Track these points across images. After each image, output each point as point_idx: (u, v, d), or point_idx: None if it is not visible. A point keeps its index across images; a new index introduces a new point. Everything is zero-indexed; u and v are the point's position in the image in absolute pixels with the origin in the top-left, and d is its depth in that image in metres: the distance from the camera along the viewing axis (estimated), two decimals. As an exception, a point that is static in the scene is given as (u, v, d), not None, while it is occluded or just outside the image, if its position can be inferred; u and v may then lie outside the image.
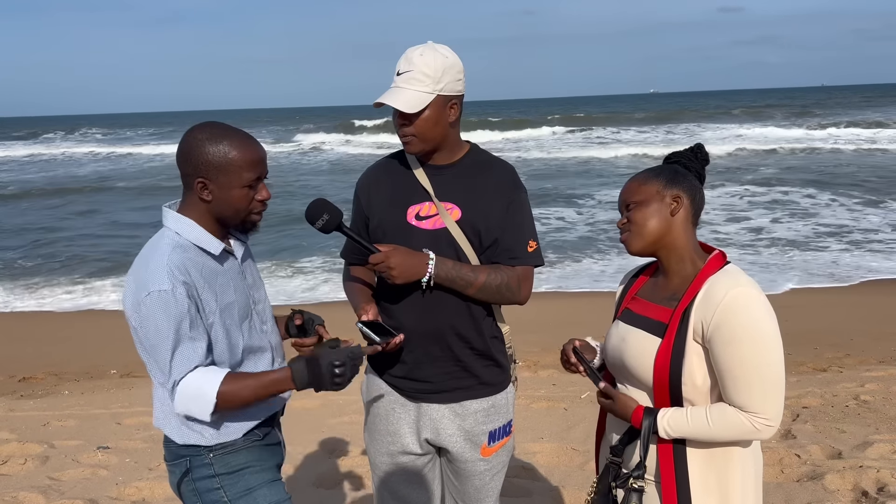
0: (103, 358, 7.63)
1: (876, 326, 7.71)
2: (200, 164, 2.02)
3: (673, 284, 2.02)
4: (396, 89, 2.29)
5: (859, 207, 15.64)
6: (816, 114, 50.68)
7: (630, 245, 2.03)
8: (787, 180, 20.16)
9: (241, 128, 2.10)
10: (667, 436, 1.93)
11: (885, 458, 4.25)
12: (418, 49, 2.31)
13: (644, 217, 1.99)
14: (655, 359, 1.93)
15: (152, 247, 2.06)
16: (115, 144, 45.79)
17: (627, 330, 2.05)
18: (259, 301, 2.25)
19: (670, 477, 1.94)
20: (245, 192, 2.05)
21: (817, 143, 30.78)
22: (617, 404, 2.01)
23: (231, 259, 2.17)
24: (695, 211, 2.02)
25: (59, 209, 20.03)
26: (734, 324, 1.84)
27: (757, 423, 1.87)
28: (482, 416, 2.43)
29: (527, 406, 5.59)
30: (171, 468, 2.20)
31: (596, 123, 49.47)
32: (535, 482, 4.27)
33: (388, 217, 2.40)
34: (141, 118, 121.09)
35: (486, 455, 2.46)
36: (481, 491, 2.51)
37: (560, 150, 31.85)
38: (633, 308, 2.10)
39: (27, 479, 4.48)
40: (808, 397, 5.48)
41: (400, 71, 2.29)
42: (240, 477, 2.13)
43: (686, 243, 2.01)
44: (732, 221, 14.53)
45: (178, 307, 1.96)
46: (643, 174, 2.06)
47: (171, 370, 1.99)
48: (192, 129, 2.07)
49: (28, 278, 11.78)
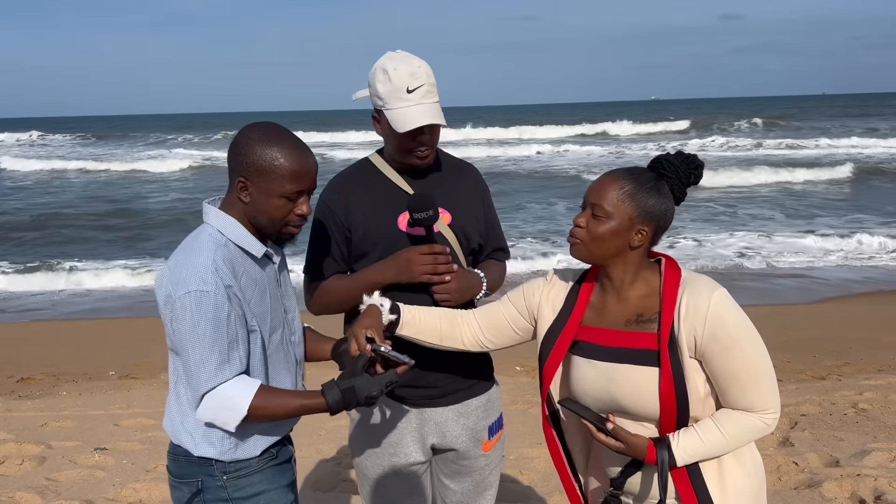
0: (101, 359, 7.61)
1: (875, 335, 7.70)
2: (245, 164, 1.94)
3: (631, 305, 1.93)
4: (422, 106, 2.24)
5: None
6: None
7: (576, 251, 1.92)
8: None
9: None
10: (685, 463, 1.87)
11: (883, 467, 4.25)
12: (408, 61, 2.25)
13: (604, 234, 1.87)
14: (659, 389, 1.85)
15: (193, 243, 1.97)
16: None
17: (611, 368, 1.91)
18: (290, 310, 2.17)
19: (690, 496, 1.89)
20: (283, 202, 1.96)
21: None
22: (629, 447, 1.88)
23: (270, 265, 2.09)
24: (655, 241, 1.94)
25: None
26: (728, 330, 1.82)
27: (767, 419, 1.87)
28: (482, 412, 2.48)
29: (524, 411, 5.58)
30: (177, 484, 2.06)
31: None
32: (531, 487, 4.27)
33: (375, 227, 2.35)
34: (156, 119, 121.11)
35: (487, 450, 2.50)
36: (481, 485, 2.52)
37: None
38: (594, 340, 1.95)
39: (24, 480, 4.47)
40: (806, 405, 5.47)
41: (411, 87, 2.23)
42: (255, 503, 2.04)
43: (637, 266, 1.93)
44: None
45: (218, 311, 1.88)
46: (627, 185, 1.88)
47: (202, 377, 1.90)
48: (249, 126, 2.00)
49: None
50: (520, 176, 24.53)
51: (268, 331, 2.04)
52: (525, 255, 11.95)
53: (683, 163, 1.92)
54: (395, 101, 2.24)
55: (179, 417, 2.03)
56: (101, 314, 9.80)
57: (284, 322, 2.12)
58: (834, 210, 16.47)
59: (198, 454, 2.00)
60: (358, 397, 1.94)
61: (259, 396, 1.92)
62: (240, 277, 1.95)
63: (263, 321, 2.02)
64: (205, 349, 1.88)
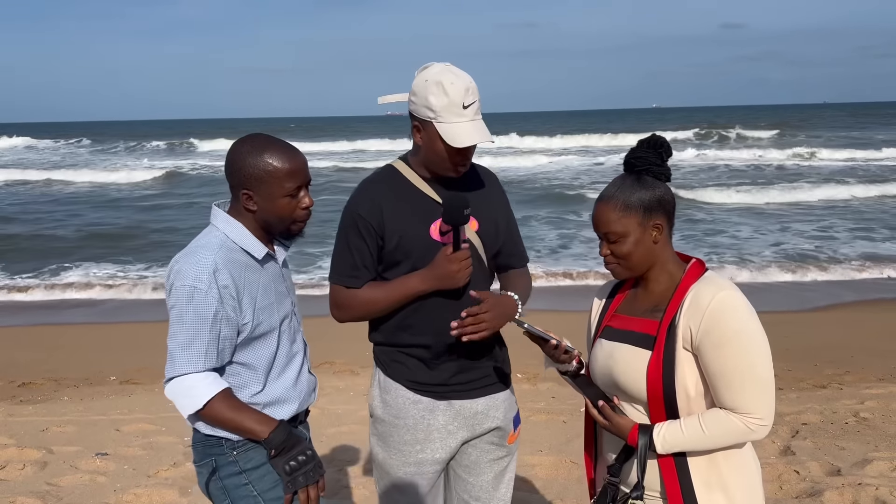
0: (103, 364, 7.63)
1: (876, 344, 7.71)
2: (244, 177, 2.11)
3: (653, 297, 2.03)
4: (476, 123, 2.29)
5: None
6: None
7: (619, 275, 2.06)
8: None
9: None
10: (664, 451, 1.93)
11: (885, 476, 4.25)
12: (461, 76, 2.28)
13: (629, 250, 1.98)
14: (647, 371, 1.94)
15: (200, 242, 2.15)
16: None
17: (614, 347, 2.04)
18: (295, 303, 2.35)
19: (675, 490, 1.94)
20: (287, 200, 2.13)
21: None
22: (613, 425, 2.00)
23: (272, 262, 2.25)
24: (672, 223, 2.03)
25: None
26: (723, 327, 1.86)
27: (750, 423, 1.89)
28: (508, 404, 2.56)
29: (526, 418, 5.58)
30: (198, 469, 2.25)
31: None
32: (533, 494, 4.27)
33: (410, 235, 2.37)
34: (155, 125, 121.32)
35: (511, 442, 2.58)
36: (500, 476, 2.57)
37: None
38: (615, 325, 2.09)
39: (25, 485, 4.47)
40: (807, 414, 5.47)
41: (466, 104, 2.26)
42: (267, 470, 2.16)
43: (666, 259, 2.03)
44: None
45: (206, 308, 2.05)
46: (618, 200, 1.97)
47: (177, 361, 2.08)
48: (237, 142, 2.17)
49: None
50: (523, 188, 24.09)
51: (277, 321, 2.21)
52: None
53: (648, 149, 2.00)
54: (450, 115, 2.26)
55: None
56: (102, 319, 9.82)
57: (292, 313, 2.30)
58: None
59: (206, 433, 2.17)
60: (290, 451, 2.11)
61: (219, 399, 2.09)
62: (241, 277, 2.12)
63: (270, 313, 2.19)
64: (185, 338, 2.07)
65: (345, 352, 7.37)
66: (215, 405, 2.08)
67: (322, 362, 7.21)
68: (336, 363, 6.96)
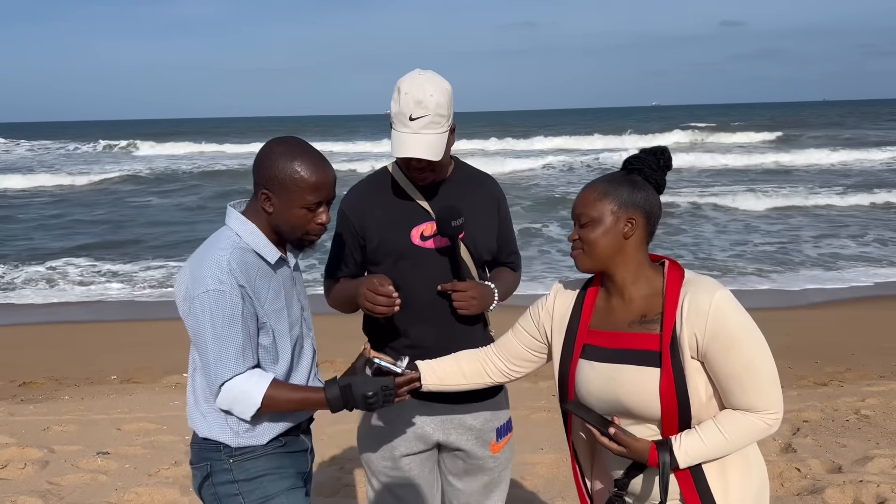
0: (104, 363, 7.62)
1: (877, 341, 7.70)
2: (268, 177, 2.08)
3: (636, 306, 1.96)
4: (417, 137, 2.25)
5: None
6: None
7: (580, 263, 1.98)
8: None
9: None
10: (687, 465, 1.88)
11: (886, 473, 4.25)
12: (422, 87, 2.24)
13: (596, 237, 1.93)
14: (660, 389, 1.87)
15: (212, 244, 2.12)
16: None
17: (614, 369, 1.93)
18: (305, 308, 2.33)
19: (694, 497, 1.91)
20: (304, 212, 2.10)
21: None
22: (630, 451, 1.90)
23: (285, 266, 2.22)
24: (650, 230, 1.97)
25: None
26: (729, 329, 1.84)
27: (768, 419, 1.88)
28: (489, 415, 2.52)
29: (526, 417, 5.57)
30: (193, 471, 2.24)
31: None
32: (534, 493, 4.27)
33: (389, 238, 2.41)
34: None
35: (495, 451, 2.54)
36: (489, 486, 2.57)
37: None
38: (601, 343, 1.98)
39: (26, 484, 4.47)
40: (808, 411, 5.47)
41: (413, 116, 2.24)
42: (258, 484, 2.16)
43: (639, 263, 1.96)
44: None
45: (233, 309, 2.03)
46: (600, 186, 1.96)
47: (219, 370, 2.05)
48: (273, 140, 2.14)
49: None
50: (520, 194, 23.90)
51: (286, 326, 2.18)
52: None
53: (648, 154, 2.00)
54: (398, 123, 2.29)
55: (193, 401, 2.19)
56: (103, 318, 9.81)
57: (302, 318, 2.28)
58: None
59: (203, 435, 2.16)
60: (354, 395, 2.06)
61: (271, 389, 2.07)
62: (253, 278, 2.10)
63: (280, 318, 2.16)
64: (222, 344, 2.04)
65: (345, 351, 7.34)
66: (271, 399, 2.07)
67: (322, 361, 7.18)
68: (336, 362, 6.95)
